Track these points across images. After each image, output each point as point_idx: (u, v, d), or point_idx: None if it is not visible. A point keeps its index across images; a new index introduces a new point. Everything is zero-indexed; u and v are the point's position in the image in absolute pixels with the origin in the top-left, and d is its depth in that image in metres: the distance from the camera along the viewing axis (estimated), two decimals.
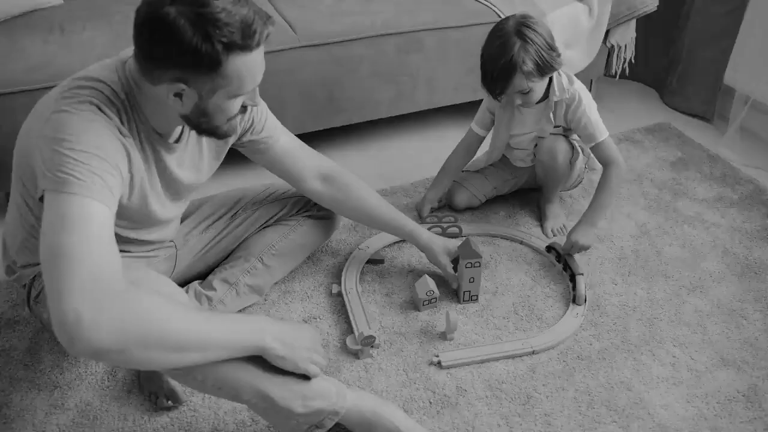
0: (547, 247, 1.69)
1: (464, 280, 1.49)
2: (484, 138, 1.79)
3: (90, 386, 1.31)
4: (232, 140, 1.31)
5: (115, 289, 0.86)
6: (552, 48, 1.49)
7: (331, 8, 1.99)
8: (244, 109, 1.10)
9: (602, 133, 1.61)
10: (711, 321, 1.50)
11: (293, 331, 1.07)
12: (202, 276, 1.49)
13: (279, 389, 1.04)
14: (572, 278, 1.57)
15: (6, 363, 1.36)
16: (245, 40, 0.95)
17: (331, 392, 1.09)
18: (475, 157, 1.86)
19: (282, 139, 1.38)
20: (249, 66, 0.99)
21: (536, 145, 1.72)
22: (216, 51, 0.93)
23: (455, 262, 1.52)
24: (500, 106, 1.67)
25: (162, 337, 0.88)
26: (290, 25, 1.90)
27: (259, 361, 1.02)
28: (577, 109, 1.60)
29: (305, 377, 1.07)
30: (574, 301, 1.52)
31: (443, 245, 1.53)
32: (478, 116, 1.77)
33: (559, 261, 1.65)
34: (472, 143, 1.80)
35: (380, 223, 1.53)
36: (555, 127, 1.66)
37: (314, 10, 1.98)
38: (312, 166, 1.43)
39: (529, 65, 1.46)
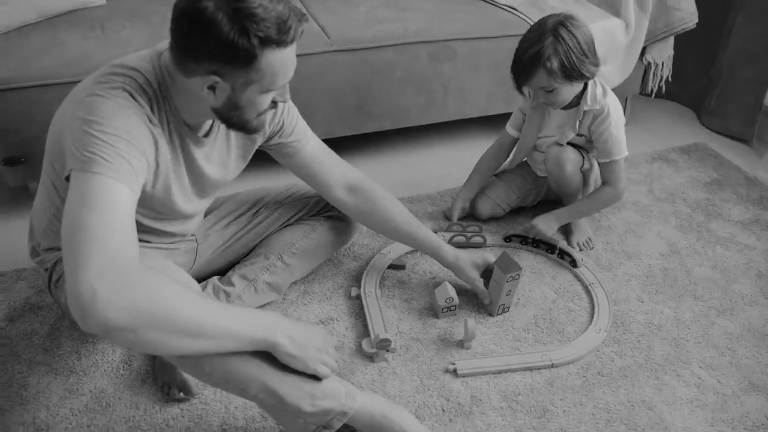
0: (505, 238, 1.72)
1: (502, 294, 1.44)
2: (517, 139, 1.78)
3: (105, 373, 1.33)
4: (260, 141, 1.32)
5: (133, 270, 0.86)
6: (585, 54, 1.46)
7: (365, 15, 2.01)
8: (274, 104, 1.11)
9: (620, 152, 1.59)
10: (741, 344, 1.44)
11: (305, 330, 1.05)
12: (222, 272, 1.49)
13: (288, 386, 1.02)
14: (551, 250, 1.64)
15: (27, 346, 1.39)
16: (280, 36, 0.97)
17: (340, 392, 1.07)
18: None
19: (310, 144, 1.38)
20: (282, 62, 1.01)
21: None
22: (252, 45, 0.95)
23: (483, 276, 1.49)
24: (531, 107, 1.66)
25: (175, 320, 0.88)
26: (323, 30, 1.92)
27: (269, 358, 1.01)
28: (603, 122, 1.57)
29: (315, 377, 1.05)
30: (574, 266, 1.59)
31: (470, 260, 1.49)
32: (512, 117, 1.77)
33: (525, 243, 1.69)
34: (504, 144, 1.80)
35: (405, 238, 1.50)
36: (578, 136, 1.64)
37: (347, 16, 2.00)
38: (339, 174, 1.42)
39: (554, 64, 1.44)
